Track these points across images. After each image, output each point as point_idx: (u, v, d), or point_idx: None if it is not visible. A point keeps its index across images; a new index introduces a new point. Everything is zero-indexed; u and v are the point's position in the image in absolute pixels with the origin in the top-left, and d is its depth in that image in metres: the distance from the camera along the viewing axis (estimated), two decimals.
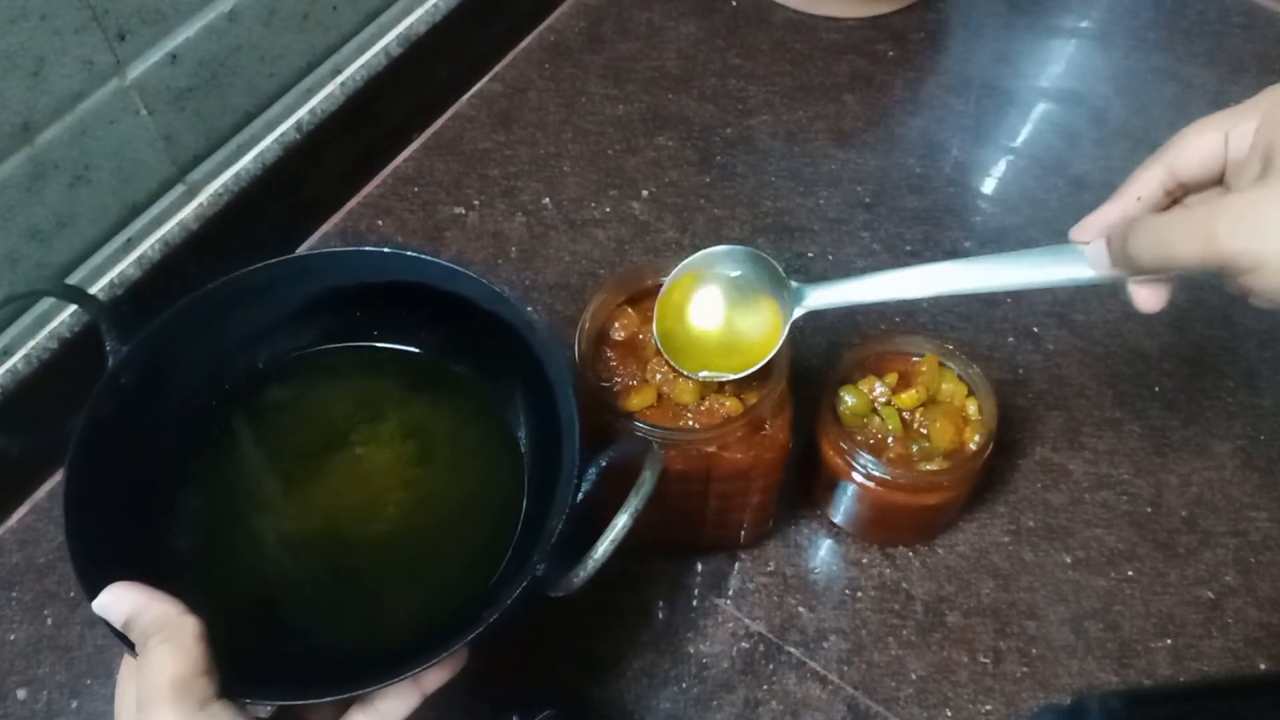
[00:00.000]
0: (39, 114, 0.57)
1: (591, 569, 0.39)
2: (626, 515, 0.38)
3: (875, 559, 0.64)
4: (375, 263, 0.49)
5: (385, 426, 0.49)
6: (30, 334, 0.63)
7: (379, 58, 0.78)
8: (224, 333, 0.48)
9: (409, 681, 0.40)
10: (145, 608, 0.37)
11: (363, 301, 0.50)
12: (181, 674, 0.35)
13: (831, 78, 0.88)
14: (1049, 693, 0.60)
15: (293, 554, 0.45)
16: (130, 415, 0.44)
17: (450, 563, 0.46)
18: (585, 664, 0.61)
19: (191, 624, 0.36)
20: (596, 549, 0.38)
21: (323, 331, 0.51)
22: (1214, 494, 0.66)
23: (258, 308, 0.49)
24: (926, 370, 0.60)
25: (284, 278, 0.48)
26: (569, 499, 0.41)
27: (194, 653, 0.35)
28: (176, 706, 0.34)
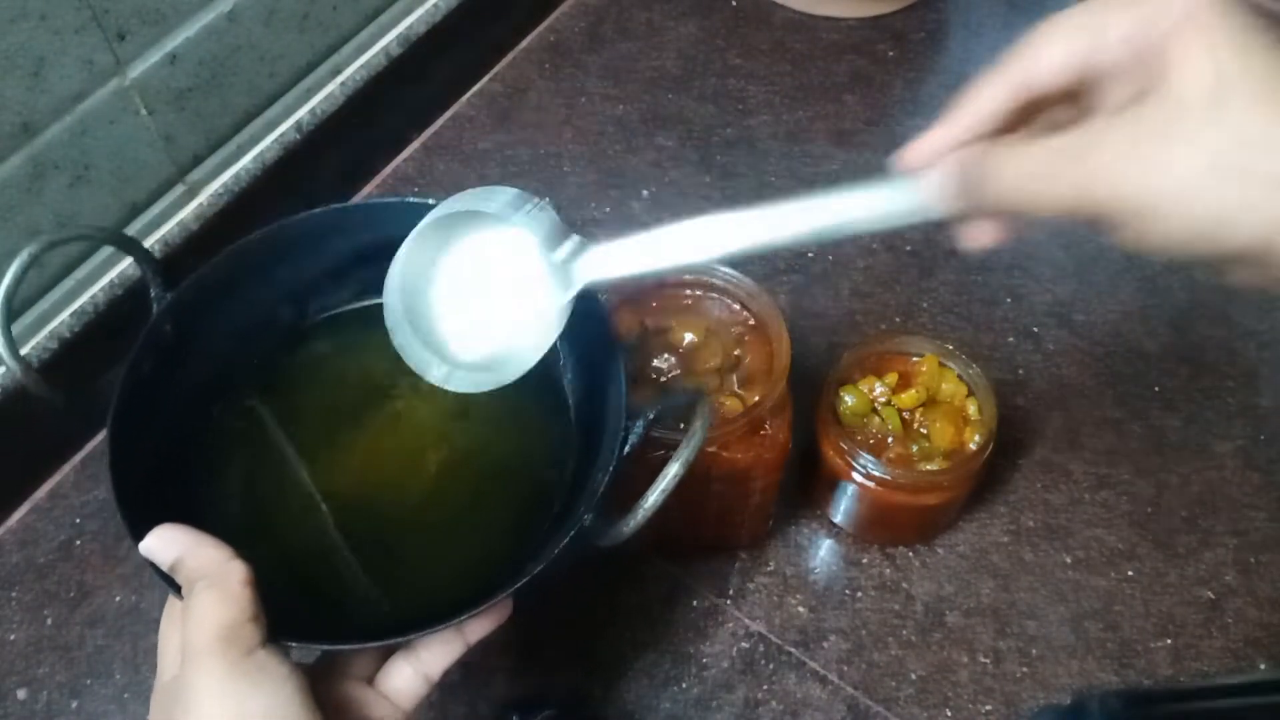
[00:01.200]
0: (39, 114, 0.57)
1: (642, 518, 0.38)
2: (678, 464, 0.38)
3: (875, 559, 0.64)
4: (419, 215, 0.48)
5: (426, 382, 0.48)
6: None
7: (379, 58, 0.78)
8: (265, 284, 0.48)
9: (453, 630, 0.40)
10: (193, 551, 0.36)
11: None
12: (229, 620, 0.34)
13: (831, 78, 0.88)
14: (1049, 693, 0.60)
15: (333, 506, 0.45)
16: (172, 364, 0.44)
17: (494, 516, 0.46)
18: (585, 664, 0.61)
19: (239, 569, 0.35)
20: (647, 498, 0.38)
21: (364, 285, 0.50)
22: (1214, 494, 0.66)
23: (299, 259, 0.48)
24: (926, 370, 0.60)
25: (327, 229, 0.47)
26: (616, 451, 0.41)
27: (241, 598, 0.35)
28: (224, 652, 0.34)
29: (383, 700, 0.40)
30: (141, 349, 0.43)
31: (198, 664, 0.34)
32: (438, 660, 0.40)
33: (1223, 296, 0.75)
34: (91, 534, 0.66)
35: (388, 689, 0.40)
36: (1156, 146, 0.28)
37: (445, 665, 0.41)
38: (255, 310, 0.48)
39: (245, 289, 0.47)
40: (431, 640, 0.40)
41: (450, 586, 0.42)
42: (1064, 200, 0.30)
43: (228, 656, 0.34)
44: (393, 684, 0.40)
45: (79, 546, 0.65)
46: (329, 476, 0.46)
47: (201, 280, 0.45)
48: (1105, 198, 0.29)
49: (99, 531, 0.66)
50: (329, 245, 0.48)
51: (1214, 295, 0.75)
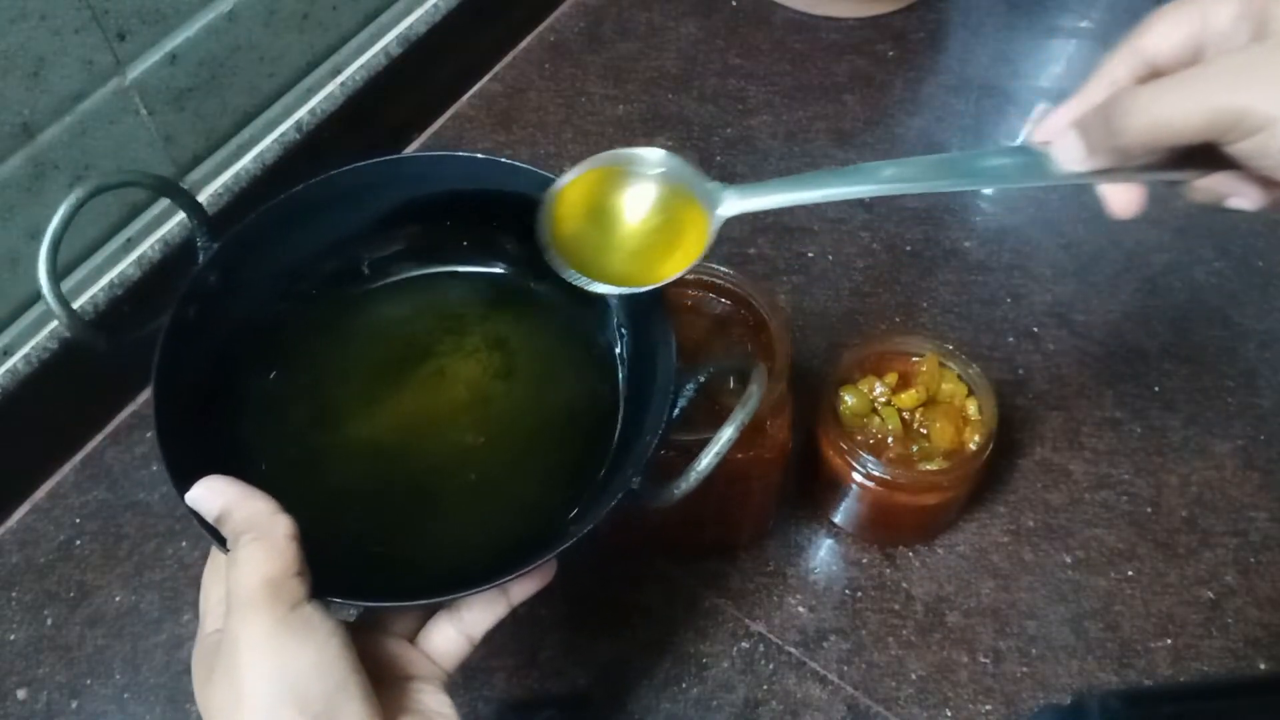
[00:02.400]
0: (39, 114, 0.57)
1: (694, 480, 0.38)
2: (732, 428, 0.38)
3: (875, 559, 0.64)
4: (468, 169, 0.47)
5: (470, 339, 0.47)
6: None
7: (379, 58, 0.78)
8: (311, 237, 0.47)
9: (496, 591, 0.40)
10: (239, 503, 0.36)
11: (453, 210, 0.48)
12: (274, 573, 0.34)
13: (831, 78, 0.88)
14: (1049, 693, 0.60)
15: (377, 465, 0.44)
16: (217, 314, 0.44)
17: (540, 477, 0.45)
18: (585, 664, 0.61)
19: (285, 523, 0.35)
20: (700, 460, 0.38)
21: (410, 241, 0.49)
22: (1214, 494, 0.66)
23: (347, 212, 0.47)
24: (926, 370, 0.60)
25: (374, 181, 0.47)
26: (665, 414, 0.40)
27: (287, 553, 0.34)
28: (269, 606, 0.33)
29: (424, 659, 0.39)
30: (186, 297, 0.42)
31: (242, 616, 0.33)
32: (481, 621, 0.40)
33: (1223, 297, 0.75)
34: (91, 534, 0.66)
35: (430, 648, 0.40)
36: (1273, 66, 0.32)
37: (488, 626, 0.40)
38: (301, 262, 0.47)
39: (291, 241, 0.46)
40: (475, 600, 0.40)
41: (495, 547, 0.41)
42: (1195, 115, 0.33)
43: (274, 610, 0.33)
44: (435, 643, 0.40)
45: (79, 546, 0.65)
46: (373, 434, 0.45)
47: (247, 231, 0.44)
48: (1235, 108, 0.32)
49: (99, 532, 0.66)
50: (377, 198, 0.47)
51: (1214, 295, 0.75)
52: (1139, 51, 0.37)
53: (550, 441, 0.46)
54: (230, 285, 0.44)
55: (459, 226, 0.49)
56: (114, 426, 0.70)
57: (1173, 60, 0.37)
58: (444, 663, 0.40)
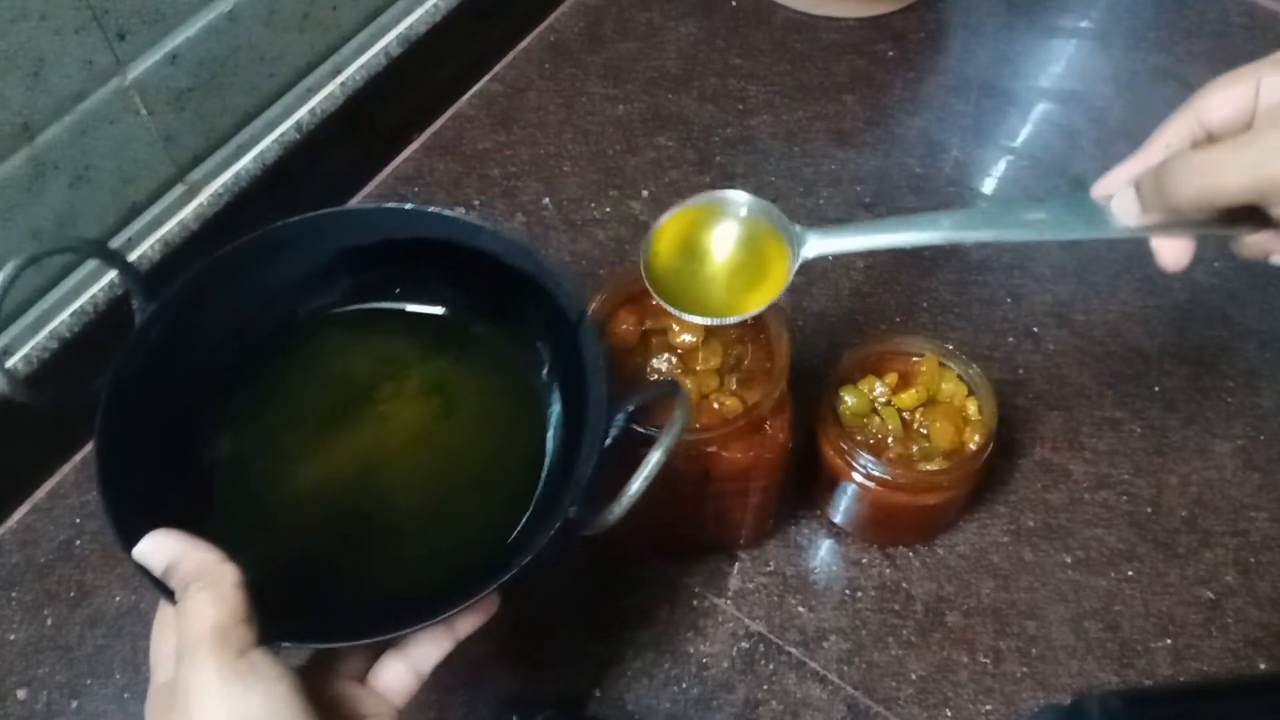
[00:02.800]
0: (39, 114, 0.57)
1: (626, 505, 0.39)
2: (660, 451, 0.39)
3: (875, 559, 0.64)
4: (398, 219, 0.49)
5: (408, 384, 0.49)
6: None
7: (379, 58, 0.78)
8: (248, 290, 0.48)
9: (442, 626, 0.41)
10: (185, 554, 0.37)
11: (386, 259, 0.50)
12: (221, 621, 0.35)
13: (831, 78, 0.88)
14: (1049, 693, 0.60)
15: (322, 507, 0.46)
16: (157, 371, 0.45)
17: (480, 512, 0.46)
18: (585, 664, 0.61)
19: (231, 571, 0.36)
20: (630, 485, 0.39)
21: (346, 289, 0.51)
22: (1214, 494, 0.66)
23: (280, 265, 0.48)
24: (926, 370, 0.60)
25: (307, 234, 0.48)
26: (598, 443, 0.42)
27: (234, 600, 0.35)
28: (217, 653, 0.34)
29: (375, 697, 0.40)
30: (125, 358, 0.43)
31: (192, 664, 0.34)
32: (428, 656, 0.41)
33: (1223, 297, 0.75)
34: (91, 534, 0.66)
35: (379, 686, 0.41)
36: None
37: (435, 660, 0.41)
38: (240, 315, 0.48)
39: (229, 295, 0.48)
40: (421, 636, 0.41)
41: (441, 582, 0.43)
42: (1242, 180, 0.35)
43: (222, 657, 0.34)
44: (384, 681, 0.41)
45: (79, 546, 0.65)
46: (318, 478, 0.47)
47: (184, 289, 0.46)
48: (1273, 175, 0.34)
49: (99, 531, 0.66)
50: (313, 249, 0.49)
51: (1214, 295, 0.75)
52: (1196, 116, 0.40)
53: (491, 477, 0.47)
54: (169, 343, 0.45)
55: (392, 274, 0.51)
56: None
57: (1226, 126, 0.39)
58: (394, 699, 0.41)
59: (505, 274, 0.49)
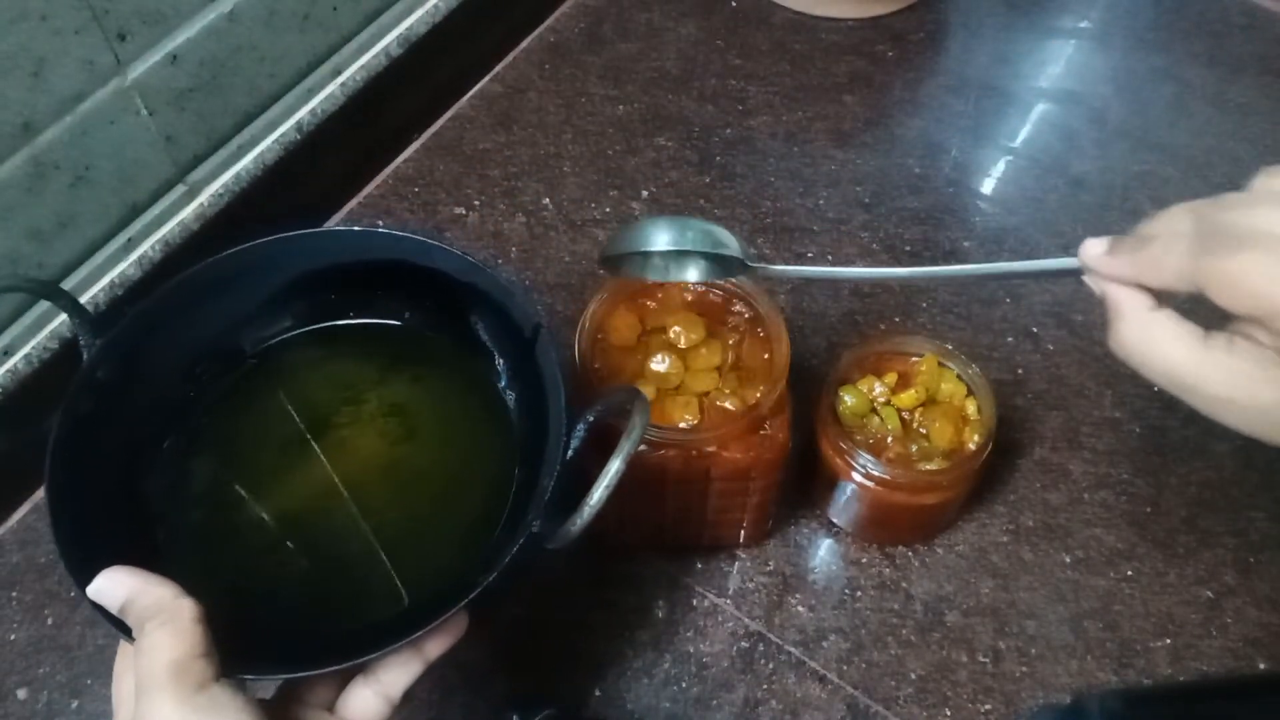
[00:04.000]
0: (39, 114, 0.57)
1: (588, 515, 0.39)
2: (620, 459, 0.38)
3: (875, 559, 0.64)
4: (347, 242, 0.49)
5: (366, 407, 0.49)
6: (30, 334, 0.63)
7: (379, 58, 0.78)
8: (199, 322, 0.48)
9: (410, 649, 0.40)
10: (141, 591, 0.36)
11: (338, 283, 0.50)
12: (180, 656, 0.34)
13: (831, 78, 0.88)
14: (1048, 692, 0.60)
15: (284, 535, 0.45)
16: (110, 407, 0.44)
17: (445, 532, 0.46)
18: (585, 664, 0.61)
19: (189, 606, 0.36)
20: (592, 495, 0.38)
21: (299, 316, 0.51)
22: (1213, 494, 0.66)
23: (231, 295, 0.48)
24: (926, 370, 0.60)
25: (255, 264, 0.48)
26: (559, 456, 0.42)
27: (192, 635, 0.35)
28: (176, 689, 0.34)
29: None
30: (75, 396, 0.43)
31: (150, 702, 0.34)
32: (397, 680, 0.40)
33: None
34: None
35: (349, 714, 0.40)
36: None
37: (405, 684, 0.40)
38: (192, 347, 0.48)
39: (180, 328, 0.47)
40: (389, 661, 0.40)
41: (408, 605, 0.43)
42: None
43: (180, 693, 0.34)
44: (354, 709, 0.40)
45: None
46: (278, 504, 0.46)
47: (130, 326, 0.45)
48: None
49: None
50: (260, 278, 0.49)
51: None
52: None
53: (454, 496, 0.47)
54: (120, 376, 0.45)
55: (346, 298, 0.51)
56: None
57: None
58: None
59: (460, 290, 0.48)
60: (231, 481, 0.47)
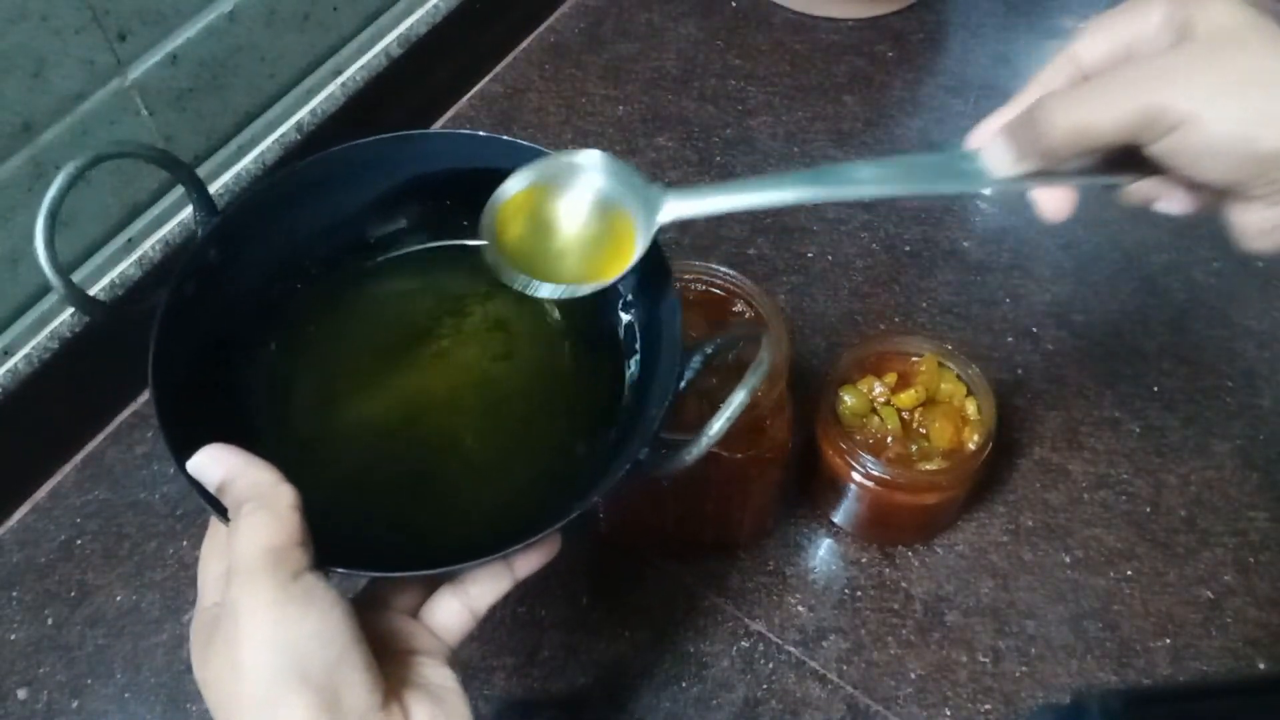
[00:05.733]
0: (40, 114, 0.57)
1: (705, 445, 0.38)
2: (745, 391, 0.37)
3: (875, 558, 0.64)
4: (465, 147, 0.47)
5: (469, 320, 0.47)
6: (31, 334, 0.64)
7: (379, 59, 0.78)
8: (313, 215, 0.47)
9: (501, 564, 0.39)
10: (241, 472, 0.35)
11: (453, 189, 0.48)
12: (277, 542, 0.33)
13: (831, 78, 0.88)
14: (1048, 692, 0.60)
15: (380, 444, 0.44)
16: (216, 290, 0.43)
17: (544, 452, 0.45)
18: (585, 664, 0.61)
19: (288, 492, 0.35)
20: (712, 425, 0.37)
21: (412, 219, 0.49)
22: (1213, 494, 0.67)
23: (347, 189, 0.47)
24: (926, 370, 0.60)
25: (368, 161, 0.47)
26: (672, 387, 0.40)
27: (290, 522, 0.34)
28: (271, 574, 0.33)
29: (428, 634, 0.39)
30: (184, 272, 0.42)
31: (244, 586, 0.33)
32: (485, 595, 0.40)
33: (1222, 297, 0.75)
34: (92, 534, 0.66)
35: (433, 623, 0.39)
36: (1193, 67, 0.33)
37: (492, 600, 0.40)
38: (301, 240, 0.47)
39: (290, 218, 0.46)
40: (479, 574, 0.39)
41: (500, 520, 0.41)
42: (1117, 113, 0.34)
43: (275, 578, 0.33)
44: (438, 618, 0.40)
45: (79, 546, 0.65)
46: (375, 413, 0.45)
47: (246, 206, 0.44)
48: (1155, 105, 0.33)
49: (99, 531, 0.66)
50: (376, 177, 0.47)
51: (1213, 295, 0.75)
52: (1072, 59, 0.38)
53: (555, 418, 0.46)
54: (230, 261, 0.44)
55: (459, 205, 0.49)
56: (114, 426, 0.70)
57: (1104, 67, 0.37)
58: (447, 637, 0.39)
59: None
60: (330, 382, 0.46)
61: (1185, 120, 0.33)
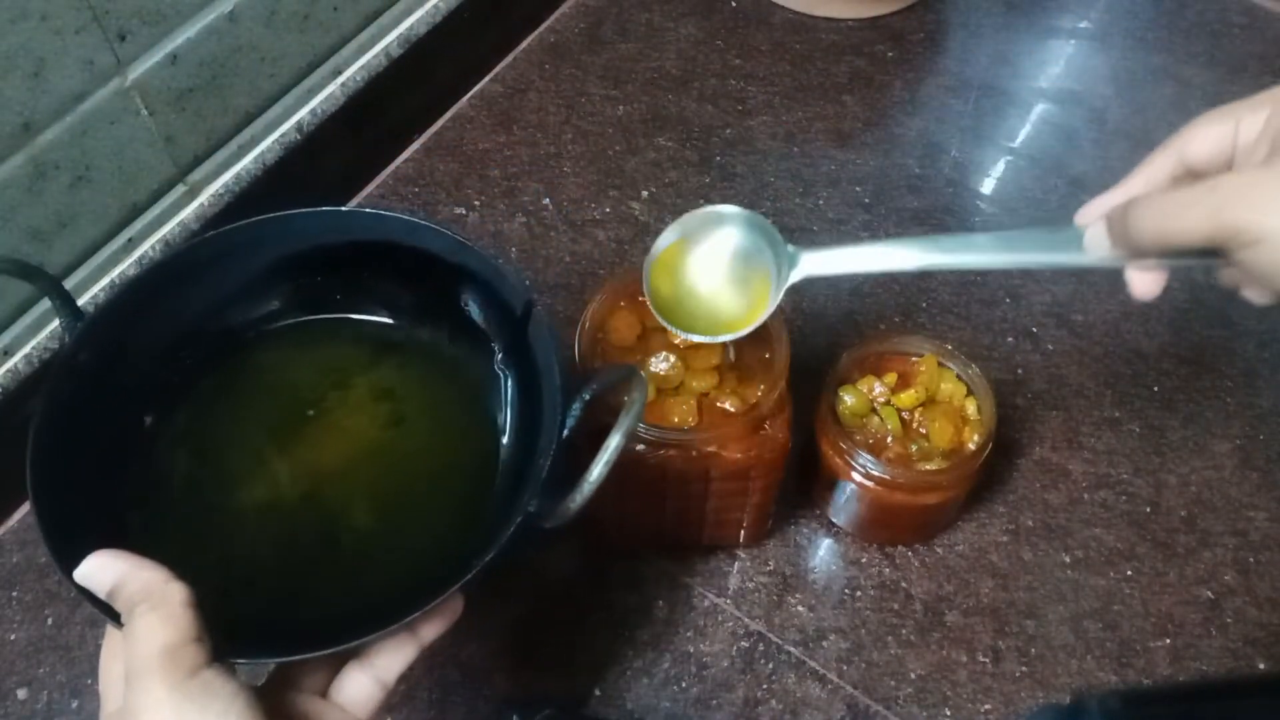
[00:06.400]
0: (40, 114, 0.57)
1: (588, 492, 0.38)
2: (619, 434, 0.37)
3: (874, 559, 0.64)
4: (331, 222, 0.48)
5: (354, 393, 0.48)
6: (31, 334, 0.64)
7: (379, 58, 0.78)
8: (183, 304, 0.47)
9: (405, 633, 0.39)
10: (130, 575, 0.35)
11: (324, 265, 0.49)
12: (171, 641, 0.33)
13: (831, 78, 0.88)
14: (1048, 692, 0.60)
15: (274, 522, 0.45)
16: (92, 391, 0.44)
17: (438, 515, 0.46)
18: (585, 664, 0.61)
19: (179, 590, 0.34)
20: (591, 471, 0.37)
21: (286, 299, 0.50)
22: (1213, 494, 0.67)
23: (215, 277, 0.47)
24: (926, 370, 0.60)
25: (238, 245, 0.47)
26: (555, 435, 0.41)
27: (183, 619, 0.34)
28: (167, 675, 0.33)
29: (338, 712, 0.39)
30: (56, 380, 0.42)
31: (142, 688, 0.33)
32: (392, 665, 0.40)
33: (1222, 297, 0.75)
34: None
35: (343, 699, 0.39)
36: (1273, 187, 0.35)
37: (400, 669, 0.40)
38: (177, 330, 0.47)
39: (164, 310, 0.47)
40: (385, 644, 0.39)
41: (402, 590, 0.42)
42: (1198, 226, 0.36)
43: (172, 678, 0.33)
44: (348, 694, 0.39)
45: None
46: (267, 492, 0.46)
47: (113, 307, 0.45)
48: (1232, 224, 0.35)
49: None
50: (250, 259, 0.48)
51: (1213, 295, 0.75)
52: (1179, 152, 0.41)
53: (446, 479, 0.47)
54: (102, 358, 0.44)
55: (334, 280, 0.50)
56: None
57: (1206, 164, 0.40)
58: (358, 711, 0.40)
59: (449, 270, 0.48)
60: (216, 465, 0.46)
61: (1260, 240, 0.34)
